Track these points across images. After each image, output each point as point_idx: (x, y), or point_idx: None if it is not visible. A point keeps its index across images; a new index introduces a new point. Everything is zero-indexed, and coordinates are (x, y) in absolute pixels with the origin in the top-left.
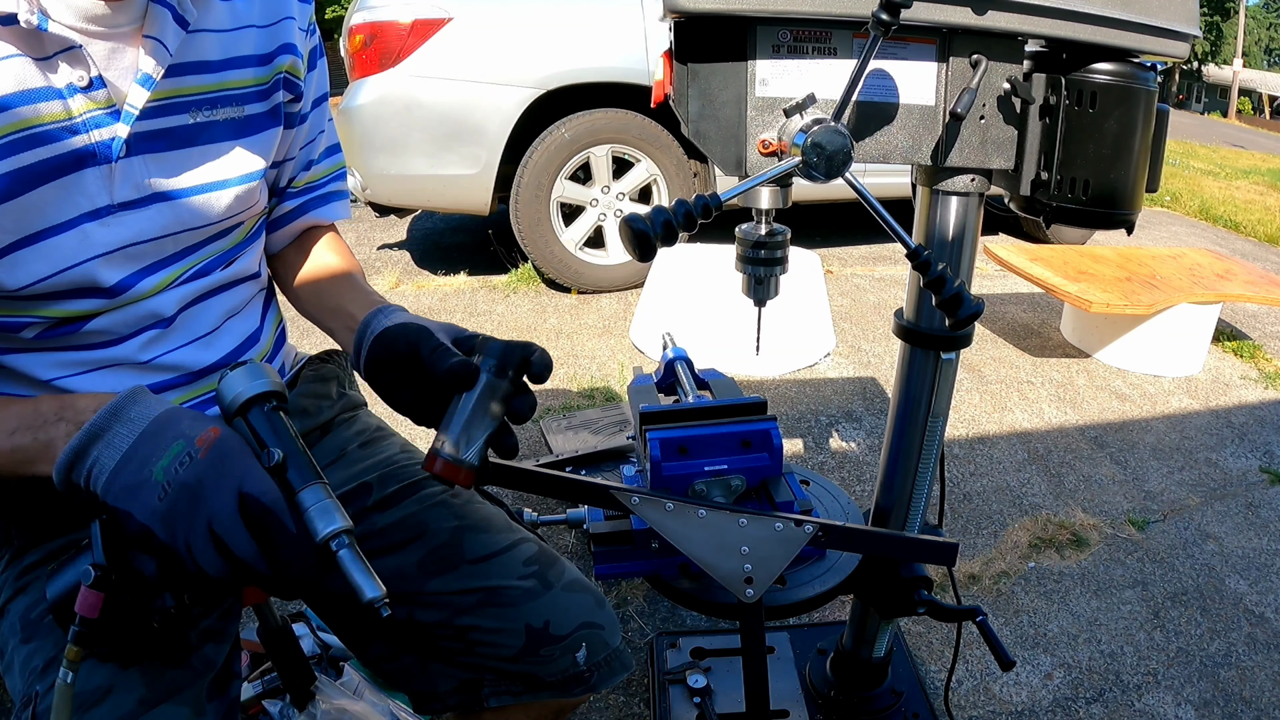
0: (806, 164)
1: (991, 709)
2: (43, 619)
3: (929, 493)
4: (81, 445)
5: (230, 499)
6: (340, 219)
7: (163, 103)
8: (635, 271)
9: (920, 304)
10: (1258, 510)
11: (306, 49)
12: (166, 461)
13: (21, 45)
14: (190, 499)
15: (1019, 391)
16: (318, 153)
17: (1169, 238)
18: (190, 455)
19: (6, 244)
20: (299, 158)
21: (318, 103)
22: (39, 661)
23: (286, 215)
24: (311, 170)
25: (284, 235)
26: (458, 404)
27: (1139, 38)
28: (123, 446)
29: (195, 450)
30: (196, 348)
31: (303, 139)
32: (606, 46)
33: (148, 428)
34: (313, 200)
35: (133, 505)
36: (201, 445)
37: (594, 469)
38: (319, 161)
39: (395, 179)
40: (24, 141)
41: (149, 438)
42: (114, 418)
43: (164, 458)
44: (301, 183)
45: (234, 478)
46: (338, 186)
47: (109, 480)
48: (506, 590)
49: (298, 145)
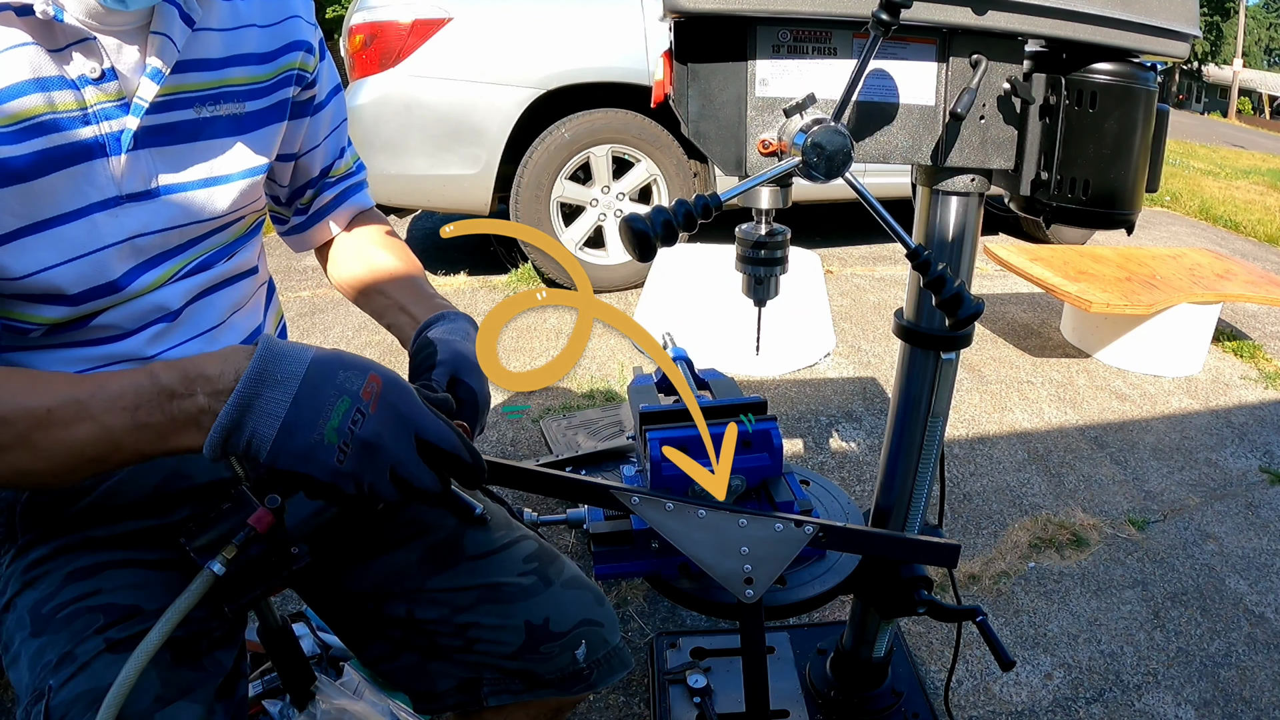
0: (806, 164)
1: (991, 709)
2: (56, 613)
3: (929, 493)
4: (233, 420)
5: (410, 446)
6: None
7: (169, 98)
8: (635, 271)
9: (920, 304)
10: (1258, 510)
11: (315, 42)
12: (337, 421)
13: (36, 35)
14: (371, 454)
15: (1019, 391)
16: (346, 139)
17: (1169, 238)
18: (362, 412)
19: (14, 228)
20: (328, 146)
21: (334, 92)
22: (52, 656)
23: (330, 203)
24: (345, 157)
25: (332, 224)
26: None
27: (1139, 38)
28: (279, 414)
29: (365, 404)
30: (202, 342)
31: (325, 127)
32: (606, 46)
33: (301, 389)
34: (354, 186)
35: (311, 468)
36: (369, 399)
37: (594, 469)
38: (349, 148)
39: (395, 179)
40: (37, 128)
41: (308, 399)
42: (261, 381)
43: (333, 417)
44: (340, 170)
45: (409, 426)
46: (363, 176)
47: (274, 450)
48: (506, 587)
49: (321, 134)
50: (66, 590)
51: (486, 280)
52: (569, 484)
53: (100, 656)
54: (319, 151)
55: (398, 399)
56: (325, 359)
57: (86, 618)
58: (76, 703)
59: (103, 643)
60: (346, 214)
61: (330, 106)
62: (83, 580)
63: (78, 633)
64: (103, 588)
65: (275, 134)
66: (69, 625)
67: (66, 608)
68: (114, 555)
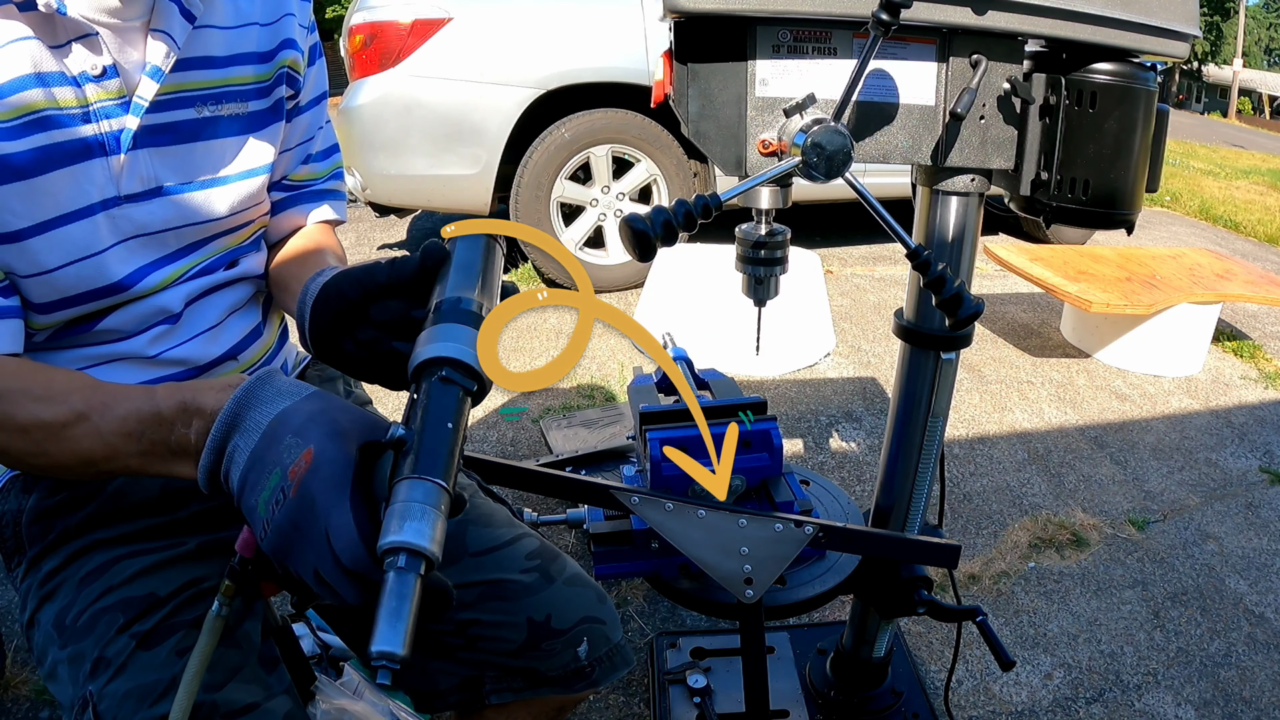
0: (806, 164)
1: (991, 709)
2: (77, 621)
3: (929, 493)
4: (214, 462)
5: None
6: (335, 219)
7: (169, 97)
8: (635, 271)
9: (920, 304)
10: (1258, 510)
11: (307, 45)
12: (266, 494)
13: (37, 30)
14: (288, 543)
15: (1019, 391)
16: (315, 149)
17: (1169, 238)
18: (284, 491)
19: (19, 228)
20: (295, 152)
21: (316, 100)
22: (86, 663)
23: (273, 206)
24: (309, 166)
25: (272, 230)
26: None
27: (1139, 38)
28: (241, 463)
29: (288, 485)
30: (202, 341)
31: (299, 134)
32: (606, 46)
33: (258, 445)
34: (303, 195)
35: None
36: (293, 479)
37: (594, 469)
38: (317, 160)
39: (395, 179)
40: (37, 124)
41: (256, 461)
42: (233, 428)
43: (265, 489)
44: (297, 177)
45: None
46: (333, 186)
47: (237, 498)
48: (508, 584)
49: (294, 139)
50: (82, 596)
51: None
52: (569, 484)
53: (134, 655)
54: (284, 158)
55: (319, 488)
56: (288, 414)
57: (108, 619)
58: (124, 704)
59: (131, 639)
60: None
61: (308, 114)
62: (94, 582)
63: (103, 636)
64: (113, 584)
65: (276, 134)
66: (92, 630)
67: (85, 613)
68: (122, 550)
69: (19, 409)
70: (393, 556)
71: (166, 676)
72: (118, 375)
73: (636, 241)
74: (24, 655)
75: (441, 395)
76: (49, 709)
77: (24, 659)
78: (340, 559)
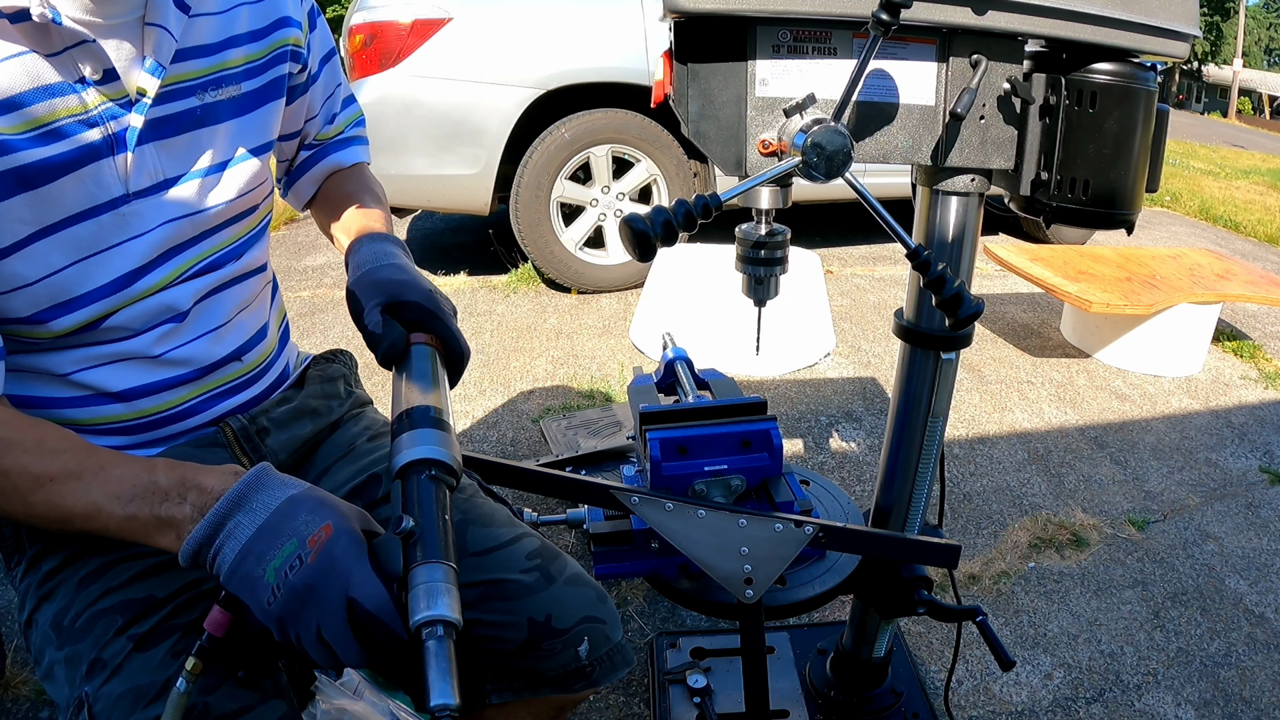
0: (806, 164)
1: (991, 709)
2: (75, 622)
3: (929, 493)
4: (207, 535)
5: (339, 607)
6: (362, 161)
7: (170, 89)
8: (635, 271)
9: (920, 304)
10: (1258, 510)
11: (304, 13)
12: (278, 562)
13: (32, 42)
14: (299, 604)
15: (1019, 391)
16: (339, 105)
17: (1169, 238)
18: (301, 558)
19: (24, 235)
20: (321, 114)
21: (326, 59)
22: (83, 664)
23: (306, 162)
24: (335, 123)
25: (308, 182)
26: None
27: (1139, 38)
28: (243, 538)
29: (306, 552)
30: (208, 341)
31: (320, 96)
32: (606, 46)
33: (267, 520)
34: (332, 144)
35: (249, 600)
36: (313, 547)
37: (594, 469)
38: (341, 112)
39: (395, 179)
40: (43, 137)
41: (267, 532)
42: (237, 506)
43: (276, 557)
44: (326, 136)
45: (341, 584)
46: (357, 132)
47: (230, 570)
48: (509, 583)
49: (318, 103)
50: (81, 597)
51: (486, 280)
52: (569, 484)
53: (131, 657)
54: (313, 123)
55: (340, 551)
56: (300, 498)
57: (105, 620)
58: (118, 706)
59: (128, 641)
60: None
61: (322, 77)
62: (93, 584)
63: (100, 637)
64: (112, 585)
65: (275, 112)
66: (90, 631)
67: (84, 614)
68: (121, 552)
69: (4, 455)
70: (431, 628)
71: (161, 679)
72: (121, 374)
73: (636, 241)
74: (24, 655)
75: (432, 491)
76: (49, 709)
77: (24, 659)
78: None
